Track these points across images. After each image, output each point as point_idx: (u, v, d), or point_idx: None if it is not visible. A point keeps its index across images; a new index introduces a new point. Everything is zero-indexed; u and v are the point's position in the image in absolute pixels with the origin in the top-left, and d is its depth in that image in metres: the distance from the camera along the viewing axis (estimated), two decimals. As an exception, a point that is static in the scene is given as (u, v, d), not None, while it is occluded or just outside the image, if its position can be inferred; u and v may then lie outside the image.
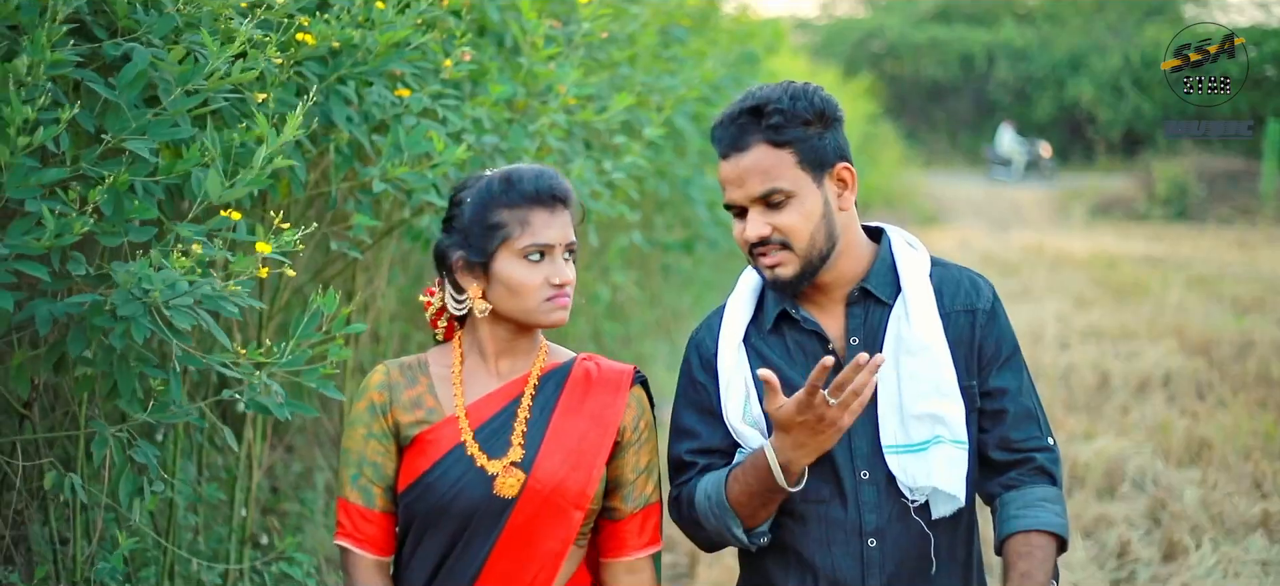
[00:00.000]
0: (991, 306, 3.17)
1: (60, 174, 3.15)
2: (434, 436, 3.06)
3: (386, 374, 3.13)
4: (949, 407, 3.05)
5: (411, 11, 4.13)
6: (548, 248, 3.03)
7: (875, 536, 3.09)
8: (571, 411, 3.09)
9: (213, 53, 3.30)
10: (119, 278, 3.23)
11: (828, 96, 3.11)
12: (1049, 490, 3.10)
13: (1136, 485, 7.39)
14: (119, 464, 3.64)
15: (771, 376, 2.89)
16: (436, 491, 3.03)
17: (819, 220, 3.06)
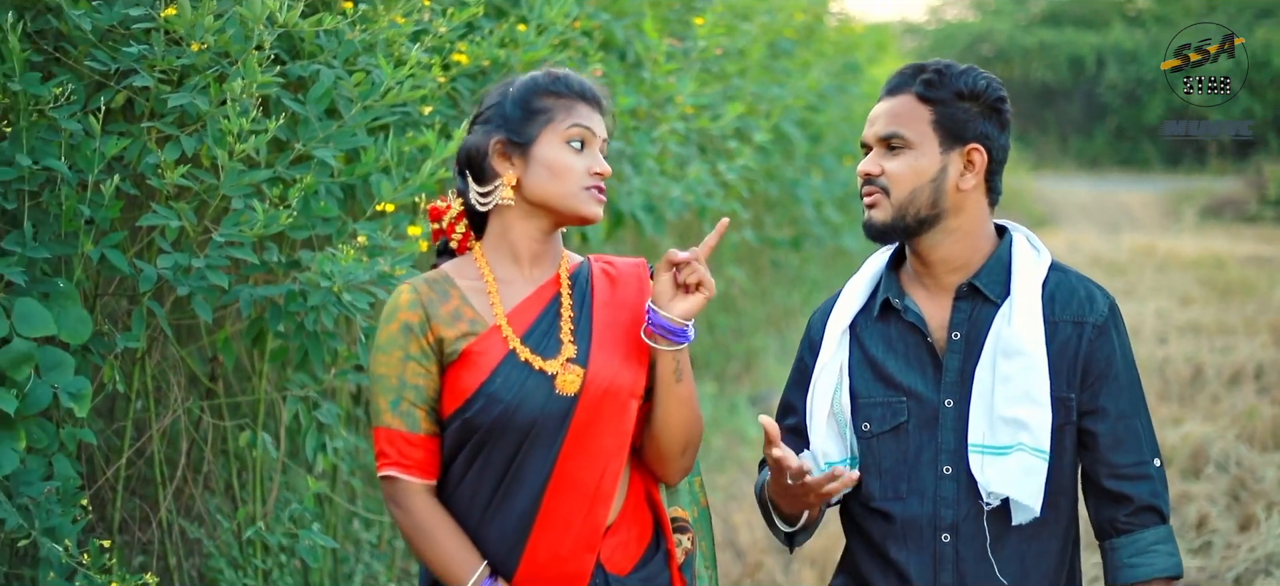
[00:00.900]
0: (1104, 321, 3.11)
1: (266, 175, 3.79)
2: (481, 347, 2.96)
3: (415, 292, 3.00)
4: (1035, 416, 3.02)
5: (548, 33, 4.73)
6: (590, 135, 3.00)
7: (950, 532, 3.10)
8: (607, 304, 3.05)
9: (388, 74, 3.92)
10: (308, 268, 3.88)
11: (997, 87, 3.13)
12: (1160, 530, 3.08)
13: (1220, 466, 7.79)
14: (306, 422, 4.27)
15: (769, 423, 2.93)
16: (499, 402, 2.92)
17: (926, 181, 3.07)
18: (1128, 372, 3.11)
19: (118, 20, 3.72)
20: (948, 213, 3.09)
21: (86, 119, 3.61)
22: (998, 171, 3.14)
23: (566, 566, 2.94)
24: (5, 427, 3.38)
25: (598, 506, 2.94)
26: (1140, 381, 3.13)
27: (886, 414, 3.15)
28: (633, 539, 3.02)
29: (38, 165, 3.52)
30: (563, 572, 2.94)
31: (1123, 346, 3.12)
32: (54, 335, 3.48)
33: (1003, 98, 3.12)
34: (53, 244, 3.58)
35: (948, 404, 3.10)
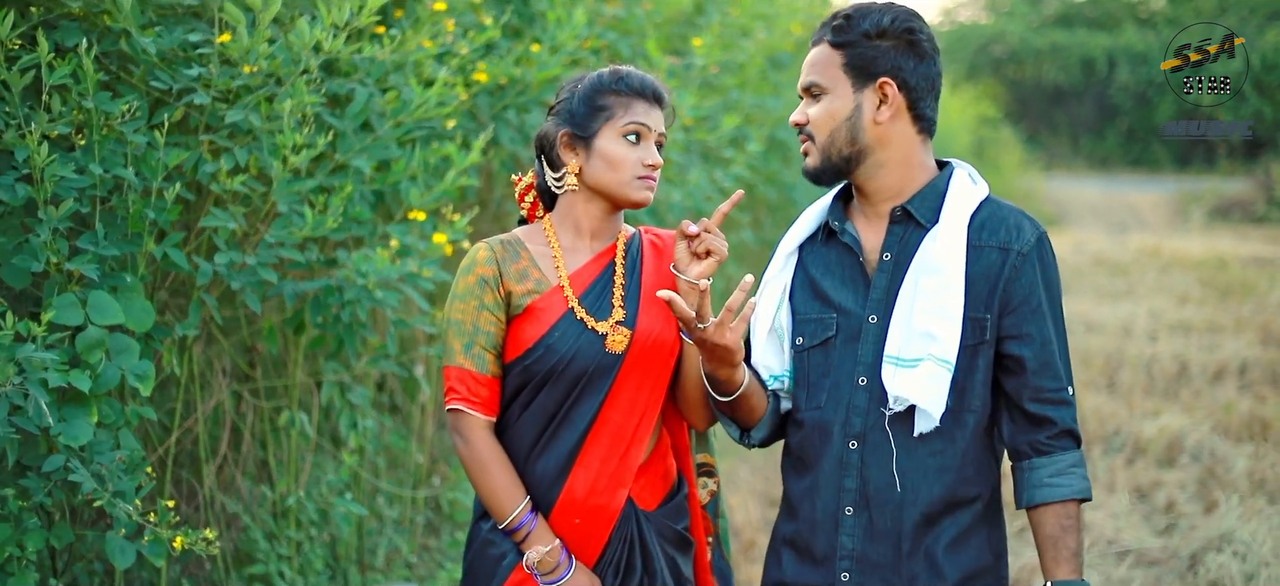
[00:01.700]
0: (1029, 250, 3.18)
1: (312, 185, 4.27)
2: (544, 304, 3.31)
3: (491, 250, 3.35)
4: (945, 329, 3.11)
5: (560, 53, 5.21)
6: (644, 130, 3.31)
7: (857, 439, 3.20)
8: (653, 272, 3.39)
9: (417, 93, 4.40)
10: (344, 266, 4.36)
11: (908, 20, 3.23)
12: (1076, 455, 3.17)
13: (1194, 457, 8.23)
14: (340, 405, 4.76)
15: (668, 295, 3.07)
16: (556, 353, 3.27)
17: (841, 122, 3.19)
18: (1053, 303, 3.20)
19: (178, 44, 4.20)
20: (871, 147, 3.22)
21: (150, 132, 4.08)
22: (922, 100, 3.24)
23: (602, 499, 3.30)
24: (80, 404, 3.83)
25: (633, 448, 3.31)
26: (1063, 313, 3.23)
27: (817, 329, 3.28)
28: (658, 478, 3.40)
29: (108, 173, 3.98)
30: (598, 504, 3.30)
31: (1047, 277, 3.19)
32: (121, 323, 3.94)
33: (912, 28, 3.21)
34: (121, 243, 4.04)
35: (872, 320, 3.23)
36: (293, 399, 5.06)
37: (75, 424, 3.78)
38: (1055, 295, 3.22)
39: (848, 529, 3.21)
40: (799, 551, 3.29)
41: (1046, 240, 3.21)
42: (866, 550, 3.20)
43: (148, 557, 3.97)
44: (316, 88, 4.26)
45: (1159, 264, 19.91)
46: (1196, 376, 10.67)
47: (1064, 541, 3.13)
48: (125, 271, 4.06)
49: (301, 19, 4.21)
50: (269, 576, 5.02)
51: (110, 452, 3.88)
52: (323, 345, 4.76)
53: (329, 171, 4.45)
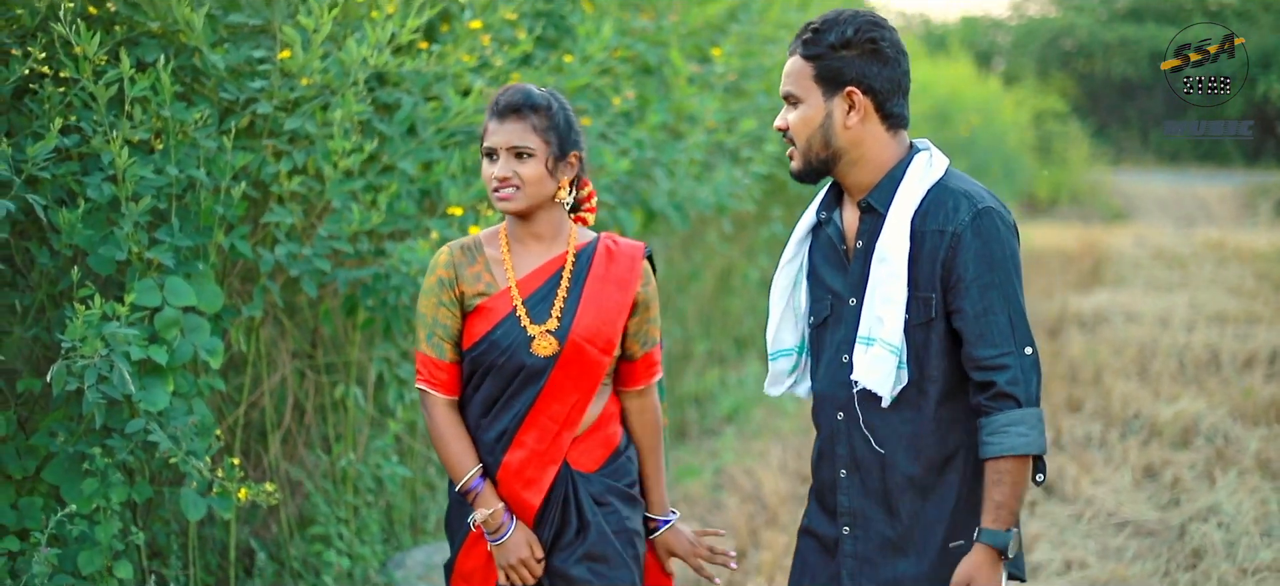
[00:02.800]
0: (963, 229, 3.40)
1: (361, 184, 4.82)
2: (492, 305, 3.67)
3: (450, 254, 3.72)
4: (890, 314, 3.38)
5: (590, 62, 5.73)
6: (493, 150, 3.63)
7: (843, 409, 3.54)
8: (599, 280, 3.72)
9: (456, 102, 4.94)
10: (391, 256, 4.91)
11: (871, 29, 3.42)
12: (1014, 412, 3.36)
13: (1208, 439, 8.61)
14: (389, 379, 5.31)
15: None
16: (497, 349, 3.65)
17: (816, 128, 3.44)
18: (989, 273, 3.38)
19: (244, 60, 4.76)
20: (845, 149, 3.46)
21: (219, 138, 4.63)
22: (889, 100, 3.46)
23: (533, 472, 3.70)
24: (158, 375, 4.39)
25: (564, 432, 3.71)
26: (1011, 279, 3.40)
27: (819, 309, 3.61)
28: (598, 445, 3.79)
29: (182, 174, 4.53)
30: (530, 477, 3.70)
31: (986, 251, 3.39)
32: (194, 305, 4.49)
33: (875, 37, 3.41)
34: (193, 235, 4.59)
35: (851, 302, 3.53)
36: (350, 375, 5.61)
37: (154, 392, 4.32)
38: (999, 265, 3.39)
39: (844, 489, 3.56)
40: (821, 503, 3.64)
41: (986, 215, 3.41)
42: (862, 507, 3.54)
43: (217, 511, 4.53)
44: (365, 98, 4.82)
45: (1219, 257, 19.81)
46: (1226, 364, 10.95)
47: (991, 494, 3.37)
48: (197, 260, 4.60)
49: (352, 37, 4.76)
50: (329, 537, 5.55)
51: (184, 417, 4.44)
52: (373, 326, 5.30)
53: (377, 172, 5.01)
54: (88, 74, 4.23)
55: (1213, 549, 6.38)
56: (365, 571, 5.56)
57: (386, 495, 5.88)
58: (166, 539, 4.90)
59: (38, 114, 4.31)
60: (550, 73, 5.63)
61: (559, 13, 5.95)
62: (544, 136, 3.65)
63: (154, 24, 4.61)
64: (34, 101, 4.34)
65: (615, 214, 6.12)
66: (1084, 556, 6.57)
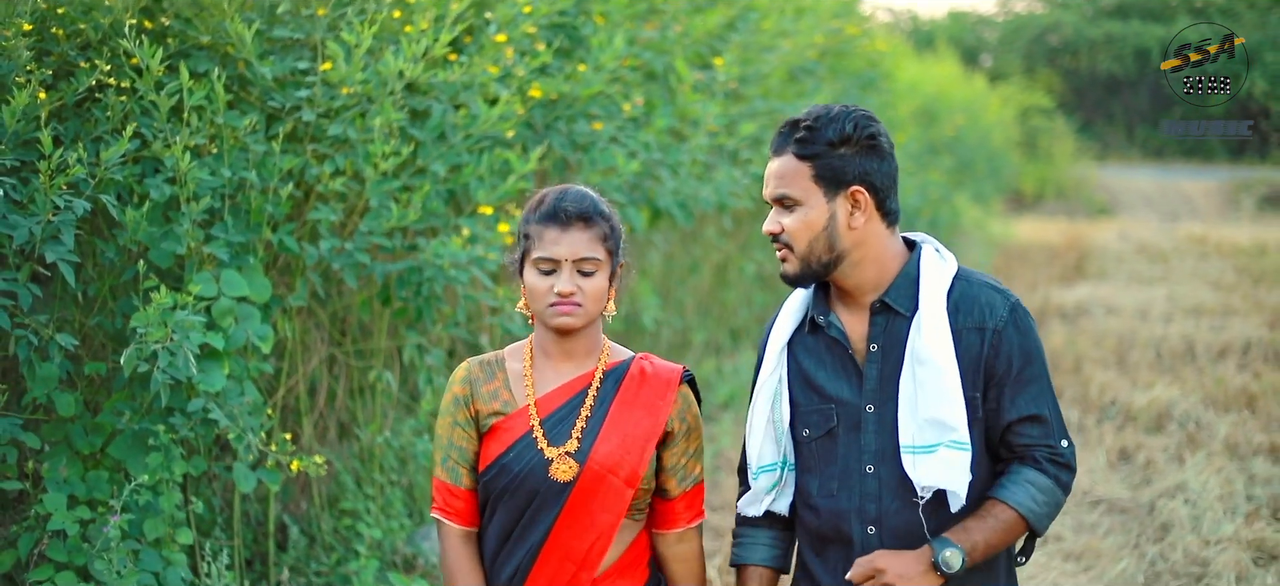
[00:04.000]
0: (1003, 325, 3.30)
1: (397, 185, 5.27)
2: (508, 425, 3.39)
3: (468, 371, 3.48)
4: (952, 414, 3.21)
5: (603, 71, 6.18)
6: (553, 261, 3.33)
7: (874, 524, 3.33)
8: (627, 404, 3.40)
9: (483, 110, 5.39)
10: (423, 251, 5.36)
11: (867, 124, 3.30)
12: (1037, 477, 3.29)
13: (1180, 424, 9.09)
14: (418, 364, 5.76)
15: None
16: (510, 472, 3.36)
17: (820, 231, 3.28)
18: (1030, 367, 3.30)
19: (288, 71, 5.20)
20: (848, 250, 3.31)
21: (267, 143, 5.05)
22: (888, 196, 3.33)
23: None
24: (215, 359, 4.81)
25: (585, 567, 3.39)
26: (1048, 374, 3.34)
27: (820, 420, 3.39)
28: (625, 583, 3.46)
29: (234, 176, 4.95)
30: None
31: (1024, 344, 3.31)
32: (246, 295, 4.90)
33: (873, 133, 3.30)
34: (245, 231, 5.01)
35: (869, 409, 3.34)
36: (380, 360, 6.05)
37: (211, 375, 4.74)
38: (1037, 360, 3.33)
39: None
40: None
41: (1020, 308, 3.34)
42: None
43: (266, 483, 4.97)
44: (401, 106, 5.26)
45: (1200, 251, 20.15)
46: (1201, 354, 11.41)
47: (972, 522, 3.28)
48: (249, 254, 5.02)
49: (388, 50, 5.21)
50: (357, 512, 5.98)
51: (238, 398, 4.86)
52: (405, 315, 5.73)
53: (411, 174, 5.47)
54: (150, 84, 4.64)
55: (1179, 523, 6.85)
56: (393, 543, 5.99)
57: (409, 474, 6.30)
58: (211, 513, 5.31)
59: (101, 121, 4.71)
60: (566, 81, 6.08)
61: (574, 25, 6.42)
62: (609, 247, 3.40)
63: (205, 37, 5.03)
64: (98, 109, 4.75)
65: (625, 211, 6.58)
66: (1060, 531, 7.03)
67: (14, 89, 4.34)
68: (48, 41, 4.75)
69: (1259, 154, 39.21)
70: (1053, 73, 41.47)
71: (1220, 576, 6.07)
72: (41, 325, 4.52)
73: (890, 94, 13.82)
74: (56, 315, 4.74)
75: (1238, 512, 7.01)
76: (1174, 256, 19.72)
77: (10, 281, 4.30)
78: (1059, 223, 26.29)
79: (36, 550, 4.52)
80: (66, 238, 4.35)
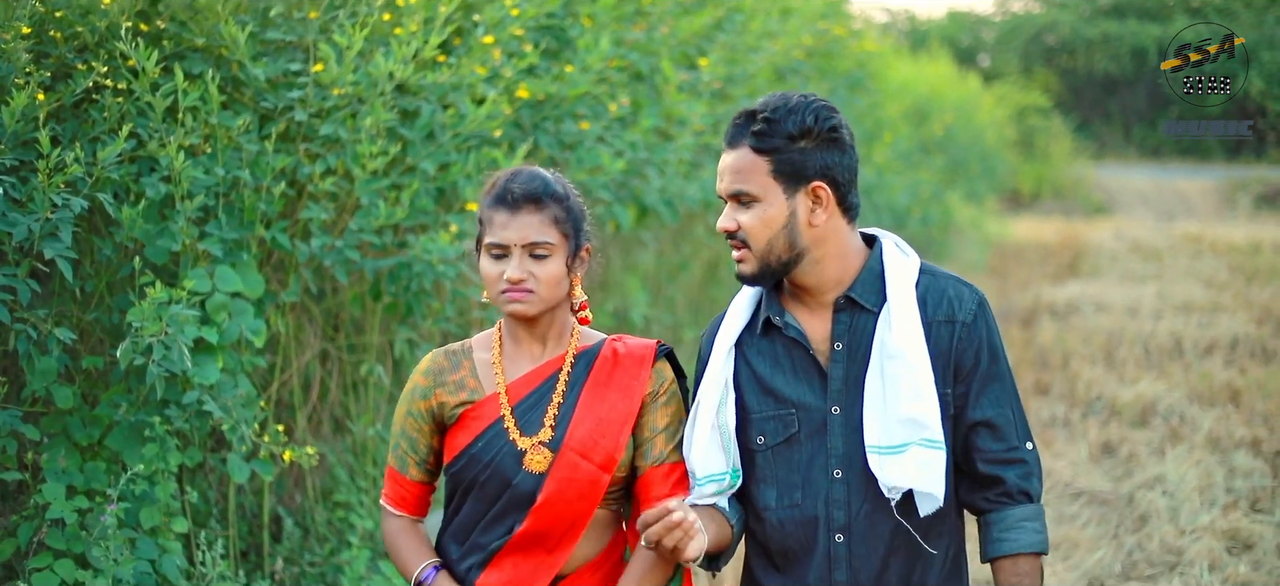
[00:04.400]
0: (973, 318, 3.20)
1: (386, 183, 5.40)
2: (477, 413, 3.25)
3: (433, 361, 3.35)
4: (925, 411, 3.08)
5: (589, 72, 6.31)
6: (503, 246, 3.18)
7: (842, 533, 3.18)
8: (599, 386, 3.24)
9: (471, 110, 5.52)
10: (412, 248, 5.49)
11: (828, 116, 3.14)
12: (1028, 508, 3.19)
13: (1164, 418, 9.24)
14: (408, 357, 5.89)
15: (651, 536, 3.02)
16: (479, 462, 3.21)
17: (779, 229, 3.12)
18: (994, 365, 3.21)
19: (281, 72, 5.33)
20: (808, 248, 3.16)
21: (260, 142, 5.18)
22: (849, 191, 3.20)
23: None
24: (209, 352, 4.93)
25: (555, 556, 3.25)
26: (1010, 370, 3.25)
27: (778, 427, 3.23)
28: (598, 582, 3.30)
29: (228, 174, 5.07)
30: None
31: (991, 340, 3.22)
32: (240, 291, 5.03)
33: (835, 125, 3.15)
34: (238, 229, 5.13)
35: (835, 411, 3.20)
36: (371, 355, 6.18)
37: (205, 368, 4.87)
38: (1001, 356, 3.25)
39: None
40: None
41: (986, 304, 3.26)
42: None
43: (259, 474, 5.10)
44: (390, 106, 5.39)
45: (1195, 250, 20.26)
46: (1188, 351, 11.57)
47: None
48: (242, 250, 5.14)
49: (379, 52, 5.34)
50: (350, 504, 6.10)
51: (232, 390, 4.99)
52: (396, 310, 5.86)
53: (400, 173, 5.60)
54: (145, 86, 4.76)
55: (1157, 514, 6.99)
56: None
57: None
58: (206, 504, 5.44)
59: (98, 121, 4.84)
60: (553, 81, 6.22)
61: (561, 27, 6.56)
62: (563, 230, 3.24)
63: (200, 40, 5.16)
64: (95, 110, 4.88)
65: (612, 209, 6.72)
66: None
67: (13, 90, 4.46)
68: (46, 44, 4.87)
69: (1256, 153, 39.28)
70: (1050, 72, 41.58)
71: (1193, 564, 6.21)
72: (40, 320, 4.65)
73: (879, 94, 13.97)
74: (55, 310, 4.86)
75: (1216, 504, 7.14)
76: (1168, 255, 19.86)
77: (10, 277, 4.42)
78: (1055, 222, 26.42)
79: (36, 538, 4.65)
80: (65, 235, 4.47)
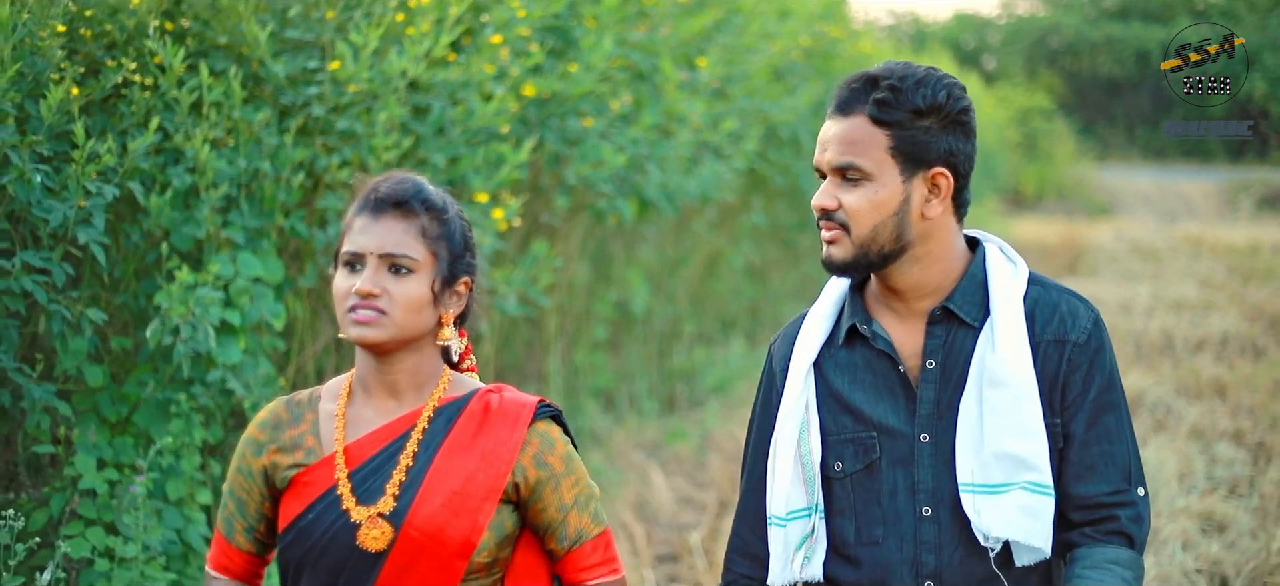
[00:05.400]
0: (1088, 338, 2.78)
1: (399, 174, 5.69)
2: (310, 479, 2.73)
3: (272, 412, 2.85)
4: (1033, 449, 2.69)
5: (593, 71, 6.61)
6: (358, 255, 2.70)
7: (932, 579, 2.77)
8: (459, 450, 2.72)
9: (480, 106, 5.81)
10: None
11: (959, 95, 2.77)
12: (1122, 553, 2.71)
13: (1151, 411, 9.49)
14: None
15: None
16: (309, 538, 2.70)
17: (889, 215, 2.73)
18: (1107, 393, 2.79)
19: (299, 69, 5.61)
20: (914, 242, 2.78)
21: (280, 136, 5.47)
22: (967, 184, 2.83)
23: None
24: (232, 334, 5.21)
25: None
26: (1125, 401, 2.84)
27: (857, 451, 2.83)
28: None
29: (249, 166, 5.35)
30: None
31: (1107, 363, 2.80)
32: (261, 276, 5.31)
33: (966, 107, 2.79)
34: (259, 217, 5.42)
35: (924, 439, 2.80)
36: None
37: (228, 348, 5.15)
38: (1116, 385, 2.82)
39: None
40: None
41: (1102, 323, 2.85)
42: None
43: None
44: (403, 102, 5.68)
45: (1194, 251, 20.25)
46: (1179, 347, 11.81)
47: None
48: (262, 237, 5.42)
49: (392, 50, 5.63)
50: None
51: (254, 370, 5.27)
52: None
53: (412, 165, 5.89)
54: (172, 82, 5.04)
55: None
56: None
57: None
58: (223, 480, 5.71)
59: (126, 115, 5.12)
60: (558, 79, 6.51)
61: (565, 27, 6.86)
62: (432, 248, 2.75)
63: (222, 38, 5.44)
64: (123, 104, 5.15)
65: (614, 203, 7.02)
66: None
67: (50, 85, 4.74)
68: (77, 42, 5.13)
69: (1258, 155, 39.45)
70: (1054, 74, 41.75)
71: (1167, 543, 6.47)
72: (73, 301, 4.93)
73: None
74: (86, 293, 5.14)
75: (1194, 490, 7.41)
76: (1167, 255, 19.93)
77: (45, 260, 4.70)
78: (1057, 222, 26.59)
79: (68, 507, 4.92)
80: (97, 221, 4.74)
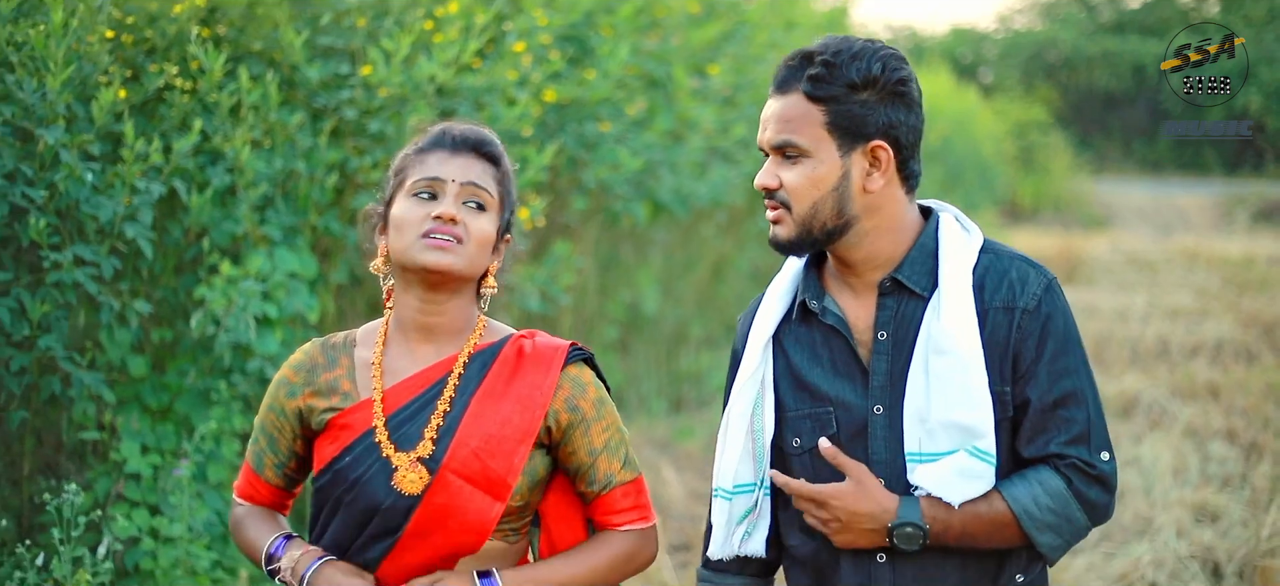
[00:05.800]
0: (1037, 304, 2.71)
1: (428, 175, 5.95)
2: (347, 421, 2.76)
3: (307, 354, 2.87)
4: (978, 418, 2.66)
5: (610, 78, 6.87)
6: (437, 182, 2.70)
7: (883, 551, 2.75)
8: (494, 394, 2.74)
9: (503, 111, 6.07)
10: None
11: (897, 67, 2.71)
12: (1051, 478, 2.68)
13: (1146, 411, 9.72)
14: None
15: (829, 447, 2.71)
16: (344, 480, 2.74)
17: (828, 191, 2.70)
18: (1065, 357, 2.72)
19: (333, 74, 5.87)
20: (859, 216, 2.74)
21: (314, 138, 5.72)
22: (912, 155, 2.78)
23: None
24: (269, 326, 5.45)
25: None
26: (1086, 363, 2.76)
27: (815, 427, 2.81)
28: None
29: (285, 166, 5.61)
30: None
31: (1059, 328, 2.73)
32: (296, 271, 5.55)
33: (904, 78, 2.73)
34: (294, 215, 5.66)
35: (877, 411, 2.77)
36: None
37: (266, 339, 5.39)
38: (1075, 347, 2.76)
39: None
40: None
41: (1056, 287, 2.78)
42: None
43: (313, 437, 5.62)
44: (432, 106, 5.94)
45: (1190, 263, 20.18)
46: (1174, 352, 12.00)
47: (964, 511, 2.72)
48: (297, 235, 5.67)
49: (422, 57, 5.89)
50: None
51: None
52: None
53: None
54: (211, 85, 5.29)
55: (1132, 491, 7.51)
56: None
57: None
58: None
59: (168, 117, 5.36)
60: (577, 85, 6.78)
61: (583, 36, 7.14)
62: (501, 192, 2.80)
63: (259, 44, 5.69)
64: (165, 107, 5.40)
65: (629, 205, 7.29)
66: (1022, 500, 7.64)
67: (98, 88, 4.98)
68: (120, 47, 5.38)
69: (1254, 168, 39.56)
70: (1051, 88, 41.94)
71: (1161, 531, 6.72)
72: (121, 293, 5.18)
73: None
74: (130, 286, 5.38)
75: (1187, 483, 7.65)
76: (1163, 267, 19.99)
77: (95, 254, 4.95)
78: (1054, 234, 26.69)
79: (114, 490, 5.16)
80: (145, 217, 4.99)
